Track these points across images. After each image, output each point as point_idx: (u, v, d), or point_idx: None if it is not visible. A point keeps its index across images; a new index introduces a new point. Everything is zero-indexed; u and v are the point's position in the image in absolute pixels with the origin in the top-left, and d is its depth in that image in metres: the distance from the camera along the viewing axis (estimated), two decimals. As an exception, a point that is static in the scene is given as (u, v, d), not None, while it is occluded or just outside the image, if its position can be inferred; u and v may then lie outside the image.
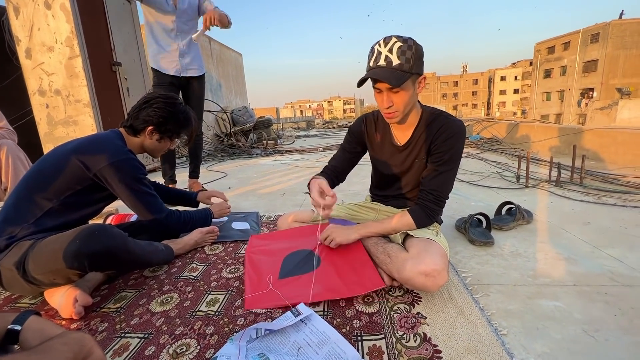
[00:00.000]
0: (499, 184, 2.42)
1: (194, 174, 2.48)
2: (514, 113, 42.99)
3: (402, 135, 1.17)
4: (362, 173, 2.95)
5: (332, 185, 1.23)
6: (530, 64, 39.23)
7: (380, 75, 0.97)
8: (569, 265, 1.19)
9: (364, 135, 1.26)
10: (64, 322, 0.95)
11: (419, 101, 1.13)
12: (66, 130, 2.86)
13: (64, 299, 0.95)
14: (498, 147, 4.21)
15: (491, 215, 1.58)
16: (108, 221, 1.61)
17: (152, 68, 2.18)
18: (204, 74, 2.31)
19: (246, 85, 8.12)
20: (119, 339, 0.87)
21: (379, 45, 0.99)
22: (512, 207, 1.63)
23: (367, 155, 1.34)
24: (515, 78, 48.90)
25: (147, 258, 1.16)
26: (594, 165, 2.83)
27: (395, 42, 0.96)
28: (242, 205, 2.15)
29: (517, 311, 0.94)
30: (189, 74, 2.22)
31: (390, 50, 0.96)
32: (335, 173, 1.29)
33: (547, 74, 31.34)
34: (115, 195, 1.19)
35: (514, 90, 49.16)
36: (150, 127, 1.26)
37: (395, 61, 0.96)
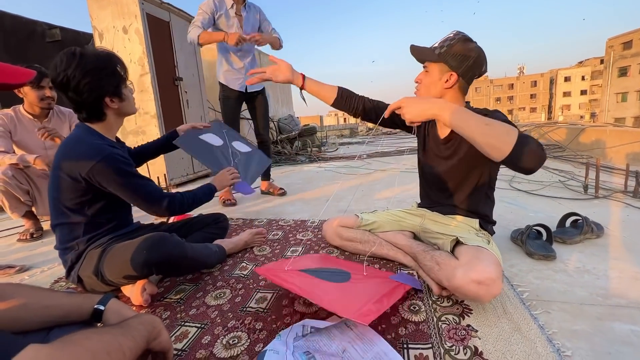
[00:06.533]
0: (562, 194, 2.21)
1: (265, 176, 2.76)
2: (581, 116, 38.74)
3: (442, 130, 1.22)
4: (406, 180, 2.89)
5: (341, 94, 1.33)
6: (601, 61, 35.07)
7: (413, 47, 1.16)
8: (650, 286, 1.05)
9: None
10: (134, 309, 1.07)
11: (469, 105, 1.14)
12: (136, 139, 3.21)
13: (134, 288, 1.08)
14: (561, 154, 3.84)
15: (553, 228, 1.45)
16: (171, 220, 1.77)
17: (220, 82, 2.46)
18: (264, 87, 2.57)
19: (292, 95, 8.40)
20: (179, 326, 0.96)
21: None
22: (579, 219, 1.48)
23: (414, 163, 1.32)
24: (583, 78, 44.11)
25: (203, 260, 1.25)
26: (683, 175, 2.45)
27: (448, 34, 1.11)
28: (288, 210, 2.22)
29: (584, 332, 0.85)
30: (253, 89, 2.49)
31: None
32: (362, 97, 1.35)
33: (623, 72, 27.60)
34: None
35: (581, 91, 44.36)
36: (105, 99, 1.09)
37: (434, 46, 1.11)
